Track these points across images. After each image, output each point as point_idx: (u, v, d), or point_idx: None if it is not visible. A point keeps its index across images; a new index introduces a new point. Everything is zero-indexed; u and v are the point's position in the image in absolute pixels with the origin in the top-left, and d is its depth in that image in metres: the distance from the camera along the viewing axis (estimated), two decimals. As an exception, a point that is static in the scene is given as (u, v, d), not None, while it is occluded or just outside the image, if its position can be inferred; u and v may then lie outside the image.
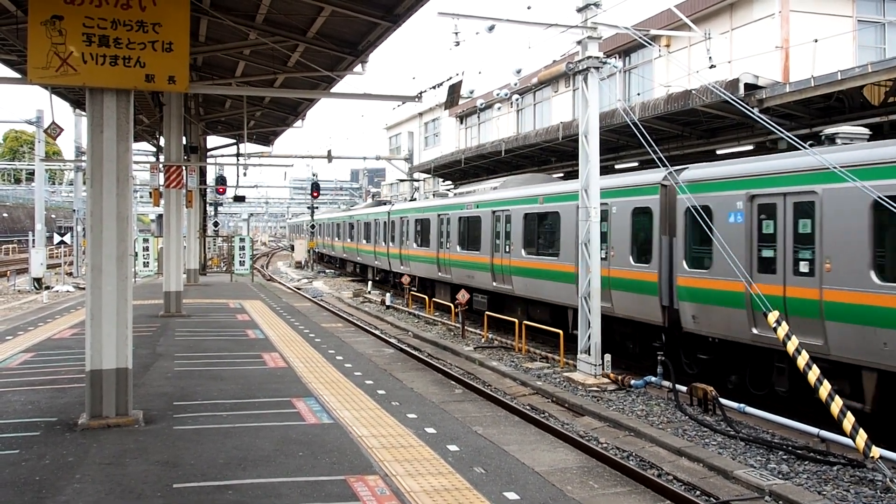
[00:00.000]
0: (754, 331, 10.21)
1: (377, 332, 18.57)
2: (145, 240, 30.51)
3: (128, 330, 7.88)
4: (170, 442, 7.34)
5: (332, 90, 15.25)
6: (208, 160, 30.19)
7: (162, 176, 18.94)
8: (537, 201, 16.33)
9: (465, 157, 25.47)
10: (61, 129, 15.25)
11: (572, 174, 17.82)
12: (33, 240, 30.71)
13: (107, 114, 7.79)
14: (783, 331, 8.53)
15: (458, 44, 13.74)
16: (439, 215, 22.52)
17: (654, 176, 12.58)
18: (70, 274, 33.74)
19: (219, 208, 43.88)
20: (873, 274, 8.62)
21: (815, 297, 9.33)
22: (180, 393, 9.57)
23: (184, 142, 19.83)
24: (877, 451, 7.69)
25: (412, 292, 24.58)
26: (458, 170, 27.94)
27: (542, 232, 16.36)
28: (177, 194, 18.68)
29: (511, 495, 6.06)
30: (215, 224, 39.34)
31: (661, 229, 12.16)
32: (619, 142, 17.16)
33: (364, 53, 12.08)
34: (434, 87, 19.55)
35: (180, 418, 8.26)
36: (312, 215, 48.01)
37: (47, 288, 28.05)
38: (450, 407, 9.92)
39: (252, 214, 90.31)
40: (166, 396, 9.33)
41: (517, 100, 30.65)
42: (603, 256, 13.21)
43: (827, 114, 12.54)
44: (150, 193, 20.04)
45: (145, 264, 29.67)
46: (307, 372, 11.10)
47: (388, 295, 26.11)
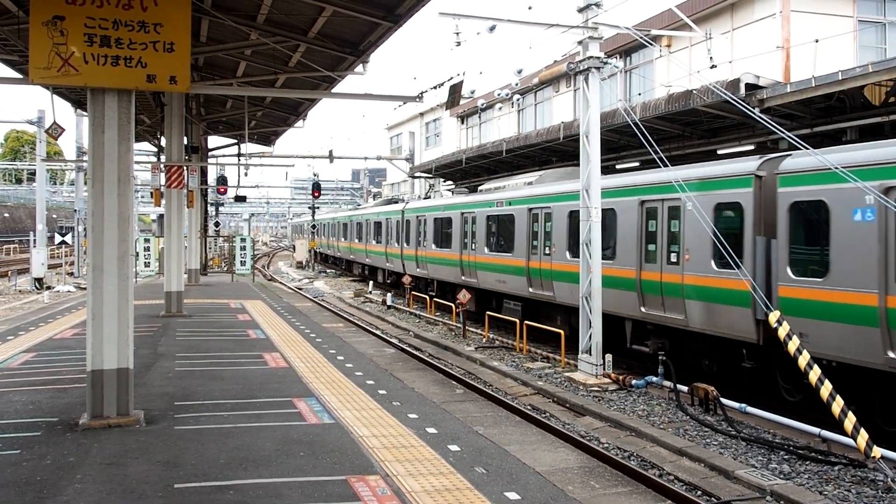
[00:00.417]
0: (890, 354, 8.43)
1: (378, 332, 18.57)
2: (146, 240, 30.57)
3: (129, 330, 7.89)
4: (171, 442, 7.35)
5: (334, 90, 15.24)
6: (209, 160, 30.18)
7: (163, 176, 18.96)
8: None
9: (466, 156, 25.44)
10: (62, 130, 15.24)
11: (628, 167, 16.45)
12: (34, 240, 30.75)
13: (108, 114, 7.79)
14: (784, 331, 8.52)
15: (459, 44, 13.74)
16: (463, 214, 20.68)
17: (746, 165, 10.89)
18: (71, 274, 33.78)
19: (220, 208, 43.90)
20: None
21: None
22: (181, 393, 9.57)
23: (185, 142, 19.84)
24: (878, 451, 7.69)
25: (413, 293, 24.59)
26: (459, 170, 27.91)
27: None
28: (178, 194, 18.70)
29: (512, 495, 6.06)
30: (216, 224, 39.37)
31: (755, 229, 10.42)
32: (620, 142, 17.15)
33: (365, 53, 12.08)
34: (435, 88, 19.56)
35: (181, 418, 8.26)
36: (313, 215, 48.03)
37: (48, 288, 28.07)
38: (451, 407, 9.91)
39: (253, 214, 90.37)
40: (167, 396, 9.34)
41: (518, 100, 30.64)
42: (674, 260, 11.97)
43: (828, 114, 12.53)
44: (152, 193, 20.05)
45: (146, 264, 29.72)
46: (308, 372, 11.10)
47: (388, 295, 26.11)
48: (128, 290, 7.88)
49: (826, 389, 7.99)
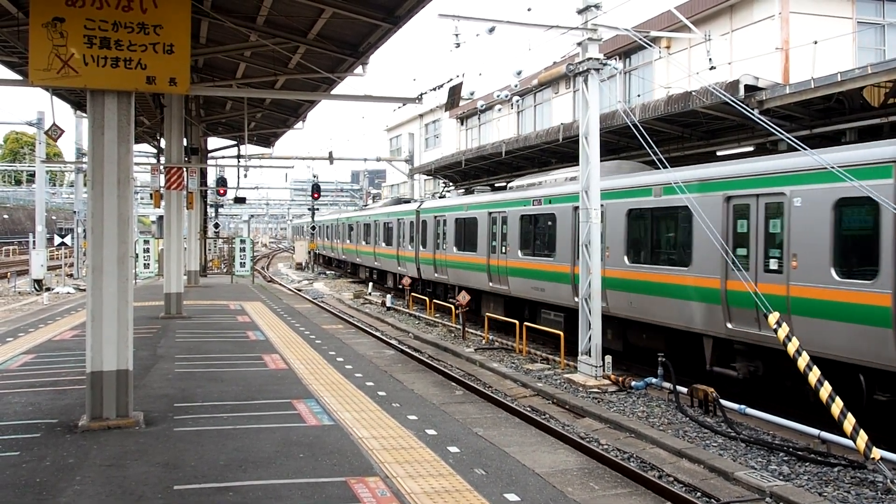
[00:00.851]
0: None
1: (378, 334, 18.58)
2: (146, 241, 30.56)
3: (128, 331, 7.89)
4: (170, 443, 7.35)
5: (333, 92, 15.25)
6: (209, 162, 30.20)
7: (163, 177, 18.95)
8: (651, 193, 12.67)
9: (466, 158, 25.45)
10: (62, 131, 15.25)
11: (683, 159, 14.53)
12: (34, 241, 30.73)
13: (108, 115, 7.80)
14: (783, 332, 8.53)
15: (458, 45, 13.78)
16: (491, 213, 18.70)
17: (881, 151, 8.96)
18: (70, 275, 33.76)
19: (219, 210, 43.91)
20: None
21: None
22: (181, 394, 9.57)
23: (185, 143, 19.86)
24: (877, 453, 7.69)
25: (413, 294, 24.59)
26: (459, 171, 27.92)
27: (660, 235, 12.95)
28: (177, 196, 18.70)
29: (512, 497, 6.06)
30: (216, 225, 39.40)
31: None
32: (619, 143, 17.15)
33: (365, 55, 12.09)
34: (434, 89, 19.56)
35: (181, 420, 8.26)
36: (313, 217, 48.03)
37: (48, 289, 28.06)
38: (450, 408, 9.92)
39: (252, 216, 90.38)
40: (167, 398, 9.34)
41: (517, 101, 30.70)
42: (775, 268, 10.19)
43: (827, 115, 12.53)
44: (151, 195, 20.04)
45: (146, 266, 29.72)
46: (308, 373, 11.10)
47: (388, 297, 26.11)
48: (127, 291, 7.88)
49: (825, 391, 7.99)
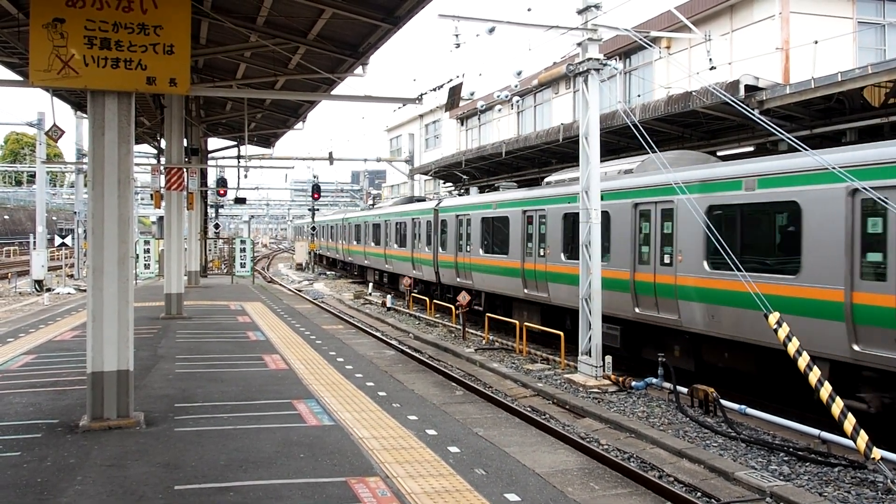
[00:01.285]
0: None
1: (378, 334, 18.58)
2: (146, 242, 30.57)
3: (129, 332, 7.89)
4: (171, 444, 7.35)
5: (333, 92, 15.26)
6: (209, 162, 30.23)
7: (163, 178, 18.98)
8: (741, 187, 10.70)
9: (466, 158, 25.46)
10: (62, 132, 15.26)
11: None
12: (34, 242, 30.75)
13: (108, 116, 7.80)
14: (784, 332, 8.52)
15: (458, 46, 13.76)
16: (526, 212, 16.83)
17: None
18: (71, 276, 33.76)
19: (220, 210, 43.94)
20: None
21: None
22: (181, 395, 9.58)
23: (185, 144, 19.86)
24: (878, 453, 7.69)
25: (413, 294, 24.59)
26: (459, 171, 27.93)
27: (755, 235, 10.98)
28: (178, 196, 18.71)
29: (512, 497, 6.06)
30: (216, 226, 39.40)
31: None
32: (619, 143, 17.15)
33: (365, 55, 12.10)
34: (435, 89, 19.56)
35: (181, 420, 8.27)
36: (314, 217, 48.05)
37: (48, 290, 28.07)
38: (450, 408, 9.92)
39: (253, 216, 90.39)
40: (167, 398, 9.34)
41: (517, 101, 30.71)
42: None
43: (827, 115, 12.53)
44: (152, 195, 20.08)
45: (146, 266, 29.73)
46: (308, 374, 11.11)
47: (388, 297, 26.11)
48: (128, 291, 7.89)
49: (826, 391, 7.99)
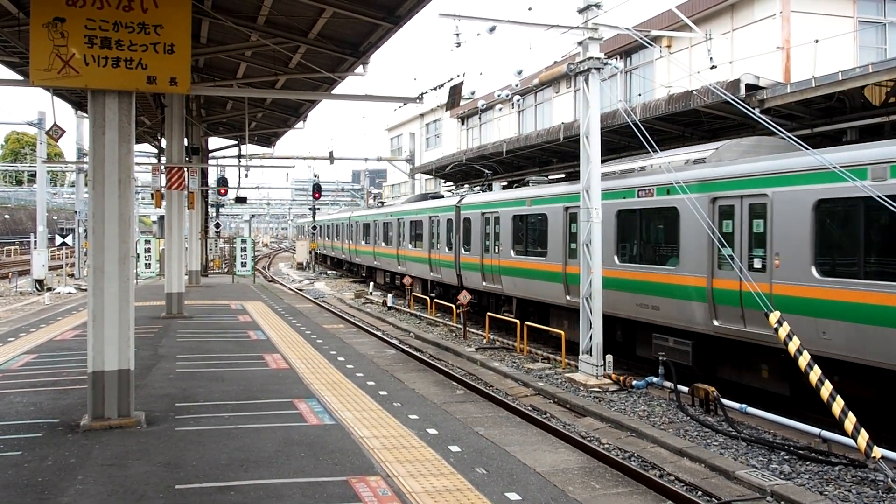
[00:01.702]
0: None
1: (379, 334, 18.57)
2: (147, 241, 30.57)
3: (130, 331, 7.90)
4: (172, 443, 7.36)
5: (334, 91, 15.25)
6: (210, 161, 30.24)
7: (164, 177, 18.99)
8: (865, 176, 8.72)
9: (467, 157, 25.46)
10: (63, 131, 15.30)
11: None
12: (35, 241, 30.77)
13: (108, 115, 7.81)
14: (784, 331, 8.52)
15: (459, 45, 13.76)
16: (568, 209, 14.97)
17: None
18: (72, 275, 33.78)
19: (220, 209, 43.95)
20: None
21: None
22: (182, 394, 9.58)
23: (185, 143, 19.87)
24: (878, 452, 7.69)
25: (414, 294, 24.59)
26: (460, 171, 27.93)
27: (882, 237, 9.00)
28: (178, 196, 18.72)
29: (513, 496, 6.07)
30: (217, 225, 39.39)
31: None
32: (620, 142, 17.15)
33: (365, 55, 12.10)
34: (435, 89, 19.61)
35: (182, 419, 8.27)
36: (314, 216, 48.09)
37: (49, 289, 28.09)
38: (451, 408, 9.92)
39: (254, 216, 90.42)
40: (168, 398, 9.35)
41: (518, 101, 30.66)
42: None
43: (828, 114, 12.53)
44: (152, 195, 20.10)
45: (147, 266, 29.73)
46: (309, 373, 11.11)
47: (389, 296, 26.12)
48: (128, 291, 7.89)
49: (826, 390, 7.99)
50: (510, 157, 22.18)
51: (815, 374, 8.13)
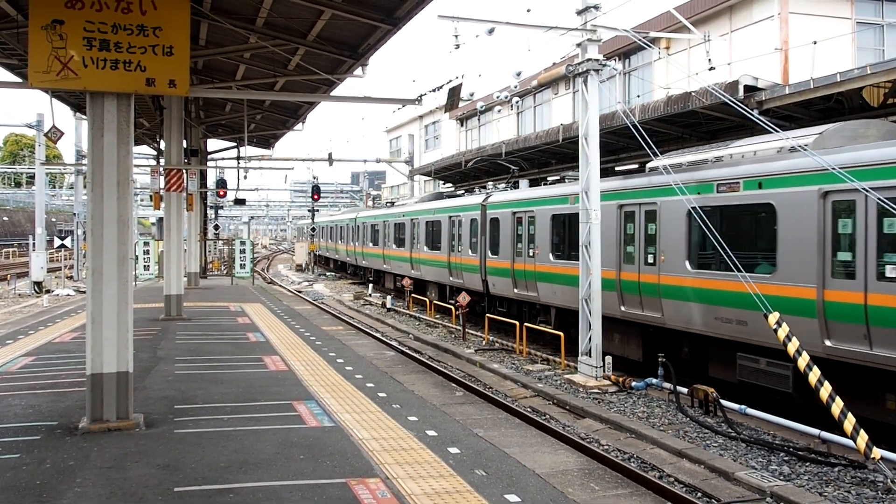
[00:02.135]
0: None
1: (378, 335, 18.56)
2: (146, 243, 30.58)
3: (128, 333, 7.89)
4: (171, 445, 7.34)
5: (333, 93, 15.25)
6: (209, 163, 30.22)
7: (162, 179, 18.95)
8: None
9: (466, 159, 25.46)
10: (62, 133, 15.23)
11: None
12: (34, 243, 30.73)
13: (107, 117, 7.80)
14: (783, 332, 8.52)
15: (458, 46, 13.75)
16: (623, 206, 13.27)
17: None
18: (70, 277, 33.75)
19: (219, 211, 43.96)
20: None
21: None
22: (181, 396, 9.57)
23: (184, 145, 19.86)
24: (878, 453, 7.69)
25: (413, 295, 24.57)
26: (459, 172, 27.93)
27: None
28: (177, 198, 18.71)
29: (512, 497, 6.06)
30: (216, 227, 39.40)
31: None
32: (619, 144, 17.16)
33: (364, 56, 12.10)
34: (434, 90, 19.61)
35: (181, 422, 8.26)
36: (313, 218, 48.09)
37: (48, 291, 28.05)
38: (451, 409, 9.91)
39: (252, 217, 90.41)
40: (167, 400, 9.34)
41: (517, 102, 30.72)
42: None
43: (826, 115, 12.54)
44: (151, 197, 20.04)
45: (146, 268, 29.73)
46: (308, 375, 11.10)
47: (388, 298, 26.10)
48: (127, 293, 7.88)
49: (826, 391, 7.99)
50: (509, 158, 22.15)
51: (815, 375, 8.12)
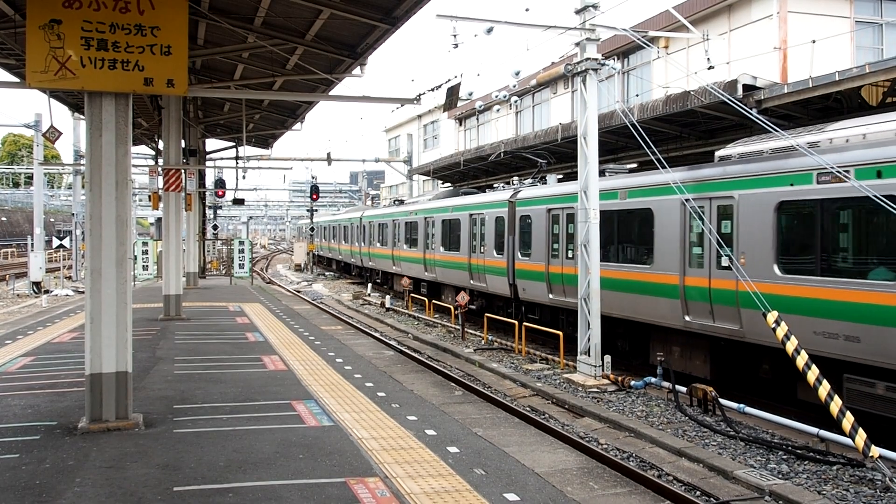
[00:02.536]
0: None
1: (377, 335, 18.56)
2: (144, 243, 30.54)
3: (127, 333, 7.88)
4: (170, 445, 7.34)
5: (331, 93, 15.26)
6: (207, 163, 30.21)
7: (161, 179, 18.92)
8: None
9: (465, 158, 25.47)
10: (60, 133, 15.22)
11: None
12: (32, 244, 30.69)
13: (105, 117, 7.79)
14: (782, 331, 8.53)
15: (456, 46, 13.74)
16: (687, 201, 11.17)
17: None
18: (69, 278, 33.72)
19: (218, 211, 43.94)
20: None
21: None
22: (180, 396, 9.57)
23: (183, 145, 19.87)
24: (876, 451, 7.69)
25: (412, 295, 24.56)
26: (458, 171, 27.94)
27: None
28: (176, 197, 18.70)
29: (511, 496, 6.06)
30: (214, 227, 39.38)
31: None
32: (617, 143, 17.17)
33: (363, 56, 12.10)
34: (433, 90, 19.56)
35: (180, 421, 8.25)
36: (312, 217, 48.07)
37: (46, 292, 28.04)
38: (450, 409, 9.91)
39: (251, 217, 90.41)
40: (166, 400, 9.33)
41: (516, 101, 30.71)
42: None
43: (825, 114, 12.56)
44: (150, 197, 20.02)
45: (144, 268, 29.70)
46: (307, 374, 11.10)
47: (387, 297, 26.11)
48: (126, 293, 7.87)
49: (824, 389, 7.99)
50: (508, 157, 22.16)
51: (813, 374, 8.13)
